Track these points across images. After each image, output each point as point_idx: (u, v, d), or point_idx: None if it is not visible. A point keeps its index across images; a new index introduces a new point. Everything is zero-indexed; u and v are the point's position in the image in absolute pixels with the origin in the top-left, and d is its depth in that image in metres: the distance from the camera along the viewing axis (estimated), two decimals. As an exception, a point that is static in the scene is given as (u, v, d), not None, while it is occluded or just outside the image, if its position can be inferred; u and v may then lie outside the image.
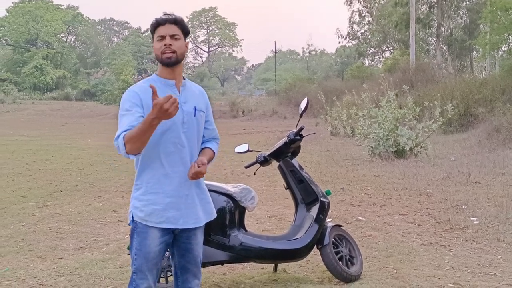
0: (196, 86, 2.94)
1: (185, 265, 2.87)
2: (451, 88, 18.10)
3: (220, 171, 10.76)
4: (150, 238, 2.67)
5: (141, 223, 2.68)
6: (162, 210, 2.67)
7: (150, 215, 2.66)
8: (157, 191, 2.67)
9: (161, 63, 2.69)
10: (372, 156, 11.80)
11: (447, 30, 41.55)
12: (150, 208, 2.67)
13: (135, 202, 2.71)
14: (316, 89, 29.47)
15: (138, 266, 2.69)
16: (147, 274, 2.70)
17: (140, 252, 2.68)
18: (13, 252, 5.30)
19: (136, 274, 2.70)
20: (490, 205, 6.87)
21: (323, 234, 4.28)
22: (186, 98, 2.75)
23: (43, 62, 58.75)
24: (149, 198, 2.67)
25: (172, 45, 2.65)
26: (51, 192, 8.58)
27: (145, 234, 2.67)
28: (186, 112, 2.72)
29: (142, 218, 2.67)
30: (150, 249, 2.68)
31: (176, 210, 2.70)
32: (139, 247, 2.68)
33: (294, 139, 4.38)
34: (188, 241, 2.81)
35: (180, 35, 2.71)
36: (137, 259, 2.69)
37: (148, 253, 2.68)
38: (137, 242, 2.69)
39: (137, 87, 2.69)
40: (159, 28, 2.68)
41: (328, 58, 72.20)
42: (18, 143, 17.67)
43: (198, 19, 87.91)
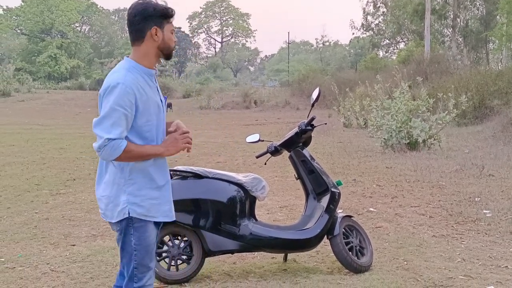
0: None
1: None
2: (466, 80, 17.89)
3: (232, 161, 10.78)
4: (149, 231, 2.65)
5: (138, 218, 2.60)
6: (159, 204, 2.65)
7: (149, 209, 2.61)
8: (151, 185, 2.62)
9: (168, 55, 2.66)
10: (384, 147, 11.73)
11: (463, 21, 41.05)
12: (148, 202, 2.61)
13: (130, 198, 2.58)
14: (330, 80, 29.30)
15: (139, 261, 2.64)
16: (149, 265, 2.68)
17: (141, 246, 2.62)
18: (26, 238, 5.38)
19: (137, 269, 2.64)
20: (504, 198, 6.81)
21: (333, 224, 4.28)
22: (159, 89, 2.73)
23: (57, 51, 59.09)
24: (146, 192, 2.61)
25: None
26: (65, 180, 8.67)
27: (144, 228, 2.62)
28: (163, 104, 2.73)
29: (142, 214, 2.60)
30: (150, 241, 2.66)
31: (169, 203, 2.73)
32: (139, 241, 2.62)
33: (305, 129, 4.36)
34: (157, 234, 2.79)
35: None
36: (138, 254, 2.63)
37: (149, 246, 2.65)
38: (136, 238, 2.61)
39: (131, 82, 2.50)
40: (171, 20, 2.63)
41: (342, 49, 71.73)
42: (33, 131, 17.84)
43: (212, 10, 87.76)
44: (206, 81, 55.87)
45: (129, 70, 2.54)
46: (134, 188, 2.59)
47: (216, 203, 4.08)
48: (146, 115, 2.55)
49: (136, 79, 2.52)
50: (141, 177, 2.59)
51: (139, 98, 2.51)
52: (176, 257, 4.11)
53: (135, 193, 2.58)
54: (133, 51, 2.61)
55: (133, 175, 2.58)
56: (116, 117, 2.43)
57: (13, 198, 7.35)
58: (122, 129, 2.45)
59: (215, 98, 34.64)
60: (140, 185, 2.59)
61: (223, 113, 29.49)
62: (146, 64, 2.60)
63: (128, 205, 2.58)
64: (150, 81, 2.61)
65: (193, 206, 4.06)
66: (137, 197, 2.58)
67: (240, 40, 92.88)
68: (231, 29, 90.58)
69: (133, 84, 2.50)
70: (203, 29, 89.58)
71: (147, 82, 2.59)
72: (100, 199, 2.67)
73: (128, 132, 2.52)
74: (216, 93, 37.38)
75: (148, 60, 2.61)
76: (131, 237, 2.61)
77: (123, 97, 2.45)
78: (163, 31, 2.58)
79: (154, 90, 2.63)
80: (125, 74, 2.51)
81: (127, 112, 2.46)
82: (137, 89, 2.50)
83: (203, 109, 32.32)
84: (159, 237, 4.10)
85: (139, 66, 2.58)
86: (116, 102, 2.44)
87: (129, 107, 2.46)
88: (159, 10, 2.56)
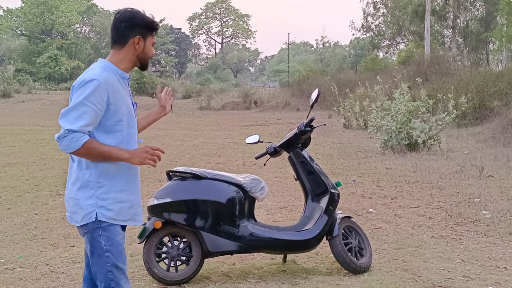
0: None
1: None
2: (466, 81, 17.88)
3: (231, 162, 10.79)
4: (118, 230, 2.61)
5: (106, 221, 2.56)
6: (129, 208, 2.62)
7: (119, 213, 2.58)
8: (121, 188, 2.59)
9: (144, 67, 2.74)
10: (384, 148, 11.73)
11: (463, 22, 41.03)
12: (118, 206, 2.57)
13: (98, 201, 2.53)
14: (330, 81, 29.26)
15: (113, 263, 2.57)
16: (123, 268, 2.62)
17: (112, 247, 2.56)
18: (26, 239, 5.39)
19: (112, 272, 2.57)
20: (503, 199, 6.81)
21: (332, 225, 4.29)
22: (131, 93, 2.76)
23: (57, 52, 59.04)
24: (116, 196, 2.57)
25: None
26: (64, 181, 8.65)
27: (113, 229, 2.58)
28: (134, 108, 2.73)
29: (110, 217, 2.56)
30: (120, 241, 2.61)
31: (138, 207, 2.70)
32: (109, 242, 2.56)
33: (305, 130, 4.38)
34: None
35: None
36: (110, 256, 2.56)
37: (120, 245, 2.60)
38: (105, 239, 2.55)
39: (105, 79, 2.51)
40: (154, 34, 2.72)
41: (342, 50, 71.68)
42: (33, 132, 17.85)
43: (212, 10, 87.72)
44: (206, 81, 55.84)
45: (105, 69, 2.56)
46: (102, 191, 2.55)
47: (215, 204, 4.09)
48: (119, 114, 2.55)
49: (110, 78, 2.55)
50: (109, 179, 2.56)
51: (113, 96, 2.52)
52: (175, 258, 4.11)
53: (102, 197, 2.54)
54: (112, 53, 2.67)
55: (102, 178, 2.54)
56: (84, 111, 2.43)
57: (13, 199, 7.36)
58: (86, 122, 2.42)
59: (215, 98, 34.60)
60: (110, 188, 2.56)
61: (223, 114, 29.47)
62: (122, 68, 2.65)
63: (97, 208, 2.53)
64: (123, 84, 2.65)
65: (193, 207, 4.07)
66: (106, 200, 2.55)
67: (240, 41, 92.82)
68: (231, 30, 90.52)
69: (108, 82, 2.51)
70: (203, 30, 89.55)
71: (120, 84, 2.62)
72: (67, 200, 2.63)
73: (98, 129, 2.52)
74: (216, 94, 37.36)
75: (124, 64, 2.66)
76: (100, 239, 2.56)
77: (95, 93, 2.45)
78: (145, 41, 2.66)
79: (126, 93, 2.67)
80: (101, 72, 2.53)
81: (96, 109, 2.45)
82: (111, 88, 2.52)
83: (203, 110, 32.29)
84: (158, 238, 4.11)
85: (115, 67, 2.62)
86: (87, 97, 2.44)
87: (99, 103, 2.46)
88: (146, 21, 2.66)
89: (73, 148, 2.42)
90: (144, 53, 2.67)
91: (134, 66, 2.70)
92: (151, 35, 2.69)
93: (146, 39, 2.66)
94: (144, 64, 2.72)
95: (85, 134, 2.43)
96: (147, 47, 2.68)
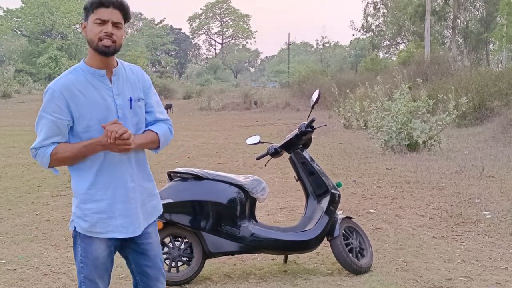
0: (131, 68, 2.56)
1: (145, 270, 2.56)
2: (466, 81, 17.89)
3: (232, 162, 10.79)
4: (97, 243, 2.41)
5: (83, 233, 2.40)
6: (109, 219, 2.39)
7: (95, 225, 2.38)
8: (100, 197, 2.38)
9: (96, 50, 2.34)
10: (384, 149, 11.74)
11: (463, 23, 41.06)
12: (95, 217, 2.38)
13: (77, 211, 2.41)
14: (330, 81, 29.31)
15: (86, 275, 2.41)
16: (97, 282, 2.43)
17: (87, 259, 2.40)
18: (27, 240, 5.39)
19: (84, 283, 2.42)
20: (503, 199, 6.82)
21: (333, 226, 4.29)
22: (119, 90, 2.42)
23: (58, 53, 59.07)
24: (92, 206, 2.37)
25: (113, 34, 2.33)
26: (65, 182, 8.68)
27: (90, 239, 2.40)
28: (120, 106, 2.41)
29: (86, 229, 2.39)
30: (97, 254, 2.41)
31: (124, 217, 2.41)
32: (85, 254, 2.40)
33: (305, 131, 4.38)
34: (142, 241, 2.52)
35: (122, 23, 2.39)
36: (84, 267, 2.40)
37: (96, 259, 2.41)
38: (82, 249, 2.40)
39: (61, 85, 2.33)
40: (101, 10, 2.31)
41: (342, 50, 71.75)
42: (33, 133, 17.77)
43: (212, 11, 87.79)
44: (206, 82, 55.91)
45: (71, 72, 2.38)
46: (79, 200, 2.40)
47: (216, 204, 4.09)
48: (86, 120, 2.34)
49: (73, 81, 2.34)
50: (92, 189, 2.37)
51: (73, 102, 2.32)
52: (176, 259, 4.12)
53: (80, 206, 2.40)
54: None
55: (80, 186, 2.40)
56: (42, 124, 2.33)
57: (14, 200, 7.37)
58: (43, 136, 2.31)
59: (216, 99, 34.64)
60: (87, 198, 2.38)
61: (224, 114, 29.50)
62: (93, 64, 2.39)
63: (75, 218, 2.42)
64: (96, 82, 2.38)
65: (194, 207, 4.07)
66: (82, 210, 2.39)
67: (240, 41, 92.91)
68: (231, 30, 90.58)
69: (65, 87, 2.32)
70: (203, 30, 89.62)
71: (90, 83, 2.37)
72: None
73: (74, 136, 2.37)
74: (217, 94, 37.40)
75: (91, 58, 2.40)
76: (78, 248, 2.44)
77: (50, 103, 2.31)
78: (89, 22, 2.36)
79: (101, 92, 2.38)
80: (62, 76, 2.37)
81: (54, 118, 2.30)
82: (70, 93, 2.31)
83: (203, 110, 32.32)
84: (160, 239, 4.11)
85: (86, 66, 2.39)
86: (43, 108, 2.33)
87: (57, 112, 2.30)
88: (93, 2, 2.34)
89: (45, 163, 2.33)
90: (88, 36, 2.34)
91: (100, 56, 2.37)
92: (92, 13, 2.33)
93: (88, 20, 2.35)
94: (95, 47, 2.33)
95: (47, 147, 2.32)
96: (89, 27, 2.34)
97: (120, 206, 2.41)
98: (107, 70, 2.41)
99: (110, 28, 2.32)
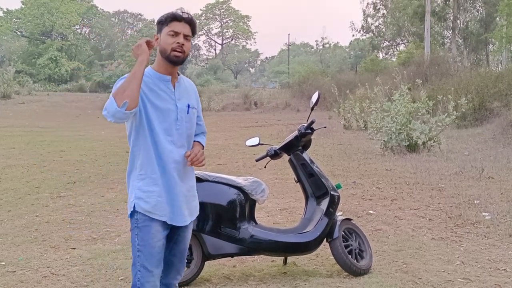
0: (189, 81, 2.91)
1: (171, 259, 2.80)
2: (466, 82, 17.89)
3: (232, 163, 10.80)
4: (153, 232, 2.61)
5: (143, 217, 2.61)
6: (166, 203, 2.64)
7: (155, 207, 2.61)
8: (159, 184, 2.63)
9: (167, 59, 2.65)
10: (384, 150, 11.74)
11: (463, 23, 41.06)
12: (155, 199, 2.61)
13: (137, 192, 2.63)
14: (330, 82, 29.29)
15: (143, 263, 2.61)
16: (153, 270, 2.63)
17: (144, 247, 2.60)
18: (27, 242, 5.40)
19: (140, 272, 2.61)
20: (503, 200, 6.82)
21: (333, 227, 4.29)
22: (180, 95, 2.73)
23: (57, 54, 59.03)
24: (154, 189, 2.62)
25: (184, 45, 2.64)
26: (65, 183, 8.69)
27: (148, 228, 2.61)
28: (180, 109, 2.71)
29: (147, 210, 2.61)
30: (154, 243, 2.62)
31: (173, 207, 2.67)
32: (142, 242, 2.61)
33: (305, 133, 4.39)
34: (179, 234, 2.77)
35: (191, 36, 2.70)
36: (140, 256, 2.61)
37: (153, 248, 2.62)
38: (139, 238, 2.61)
39: None
40: (174, 23, 2.63)
41: (342, 51, 71.74)
42: (33, 134, 17.86)
43: (212, 12, 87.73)
44: (206, 82, 55.84)
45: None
46: (143, 183, 2.64)
47: (216, 206, 4.09)
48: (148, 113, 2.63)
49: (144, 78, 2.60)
50: (154, 175, 2.63)
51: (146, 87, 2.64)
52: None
53: (143, 189, 2.63)
54: None
55: (143, 171, 2.65)
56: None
57: (13, 201, 7.37)
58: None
59: (216, 99, 34.63)
60: (150, 182, 2.63)
61: (224, 115, 29.48)
62: (160, 70, 2.69)
63: (136, 199, 2.63)
64: (162, 85, 2.68)
65: (193, 209, 4.06)
66: (145, 192, 2.63)
67: (240, 42, 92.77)
68: (231, 31, 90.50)
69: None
70: (203, 31, 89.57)
71: (157, 85, 2.67)
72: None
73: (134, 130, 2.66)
74: (217, 95, 37.36)
75: (159, 65, 2.70)
76: (135, 238, 2.64)
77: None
78: (162, 34, 2.66)
79: (165, 95, 2.67)
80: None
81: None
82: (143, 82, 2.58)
83: (203, 111, 31.74)
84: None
85: (153, 71, 2.69)
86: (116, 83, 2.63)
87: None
88: (167, 17, 2.66)
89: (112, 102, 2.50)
90: (161, 46, 2.65)
91: (166, 64, 2.68)
92: (166, 26, 2.65)
93: (162, 32, 2.66)
94: (166, 56, 2.64)
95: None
96: (163, 38, 2.65)
97: (170, 197, 2.65)
98: (172, 77, 2.72)
99: (182, 39, 2.63)
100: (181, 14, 2.65)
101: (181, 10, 2.71)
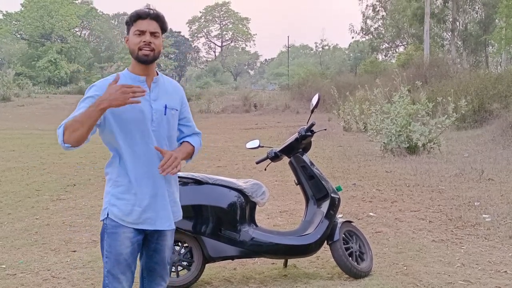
0: (171, 82, 2.83)
1: (153, 266, 2.77)
2: (466, 83, 17.90)
3: (232, 166, 10.80)
4: (121, 239, 2.57)
5: (112, 222, 2.57)
6: (142, 212, 2.58)
7: (129, 215, 2.57)
8: (135, 191, 2.58)
9: (137, 59, 2.59)
10: (384, 152, 11.74)
11: (462, 25, 41.14)
12: (130, 208, 2.57)
13: (111, 199, 2.59)
14: (329, 84, 29.30)
15: (109, 269, 2.58)
16: (119, 277, 2.59)
17: (111, 254, 2.57)
18: (27, 244, 5.39)
19: (107, 278, 2.59)
20: (503, 202, 6.82)
21: (333, 230, 4.29)
22: (157, 96, 2.65)
23: (57, 56, 59.09)
24: (130, 197, 2.57)
25: (151, 43, 2.56)
26: (65, 186, 8.68)
27: (115, 235, 2.57)
28: (156, 110, 2.62)
29: (119, 217, 2.57)
30: (121, 250, 2.57)
31: (153, 211, 2.62)
32: (109, 249, 2.57)
33: (305, 135, 4.39)
34: (158, 242, 2.72)
35: (160, 32, 2.62)
36: (108, 262, 2.58)
37: (120, 255, 2.57)
38: (107, 244, 2.58)
39: (101, 82, 2.60)
40: (139, 22, 2.57)
41: (341, 53, 71.88)
42: (33, 136, 17.85)
43: (211, 14, 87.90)
44: (206, 85, 55.89)
45: (112, 76, 2.61)
46: (119, 190, 2.60)
47: (216, 209, 4.09)
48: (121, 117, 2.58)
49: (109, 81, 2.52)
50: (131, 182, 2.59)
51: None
52: (176, 263, 4.12)
53: (118, 196, 2.60)
54: None
55: (120, 178, 2.61)
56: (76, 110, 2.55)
57: (13, 204, 7.36)
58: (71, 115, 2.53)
59: (215, 102, 34.63)
60: (126, 189, 2.60)
61: (223, 117, 29.49)
62: (134, 71, 2.65)
63: (109, 206, 2.60)
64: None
65: (194, 212, 4.07)
66: (120, 200, 2.60)
67: (240, 44, 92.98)
68: (230, 33, 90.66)
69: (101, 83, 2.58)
70: (203, 33, 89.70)
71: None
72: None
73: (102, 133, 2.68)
74: (216, 97, 37.37)
75: (133, 66, 2.66)
76: (104, 243, 2.62)
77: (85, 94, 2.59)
78: (130, 34, 2.62)
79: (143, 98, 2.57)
80: (106, 78, 2.64)
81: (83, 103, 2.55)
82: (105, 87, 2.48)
83: (203, 113, 32.29)
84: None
85: (128, 72, 2.66)
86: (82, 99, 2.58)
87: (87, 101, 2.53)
88: (131, 16, 2.61)
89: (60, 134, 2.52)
90: (130, 47, 2.60)
91: (138, 65, 2.62)
92: (132, 25, 2.60)
93: (130, 32, 2.61)
94: (135, 57, 2.58)
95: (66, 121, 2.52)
96: (130, 38, 2.59)
97: (148, 201, 2.60)
98: (148, 78, 2.65)
99: (148, 37, 2.56)
100: (146, 11, 2.59)
101: (147, 6, 2.65)
